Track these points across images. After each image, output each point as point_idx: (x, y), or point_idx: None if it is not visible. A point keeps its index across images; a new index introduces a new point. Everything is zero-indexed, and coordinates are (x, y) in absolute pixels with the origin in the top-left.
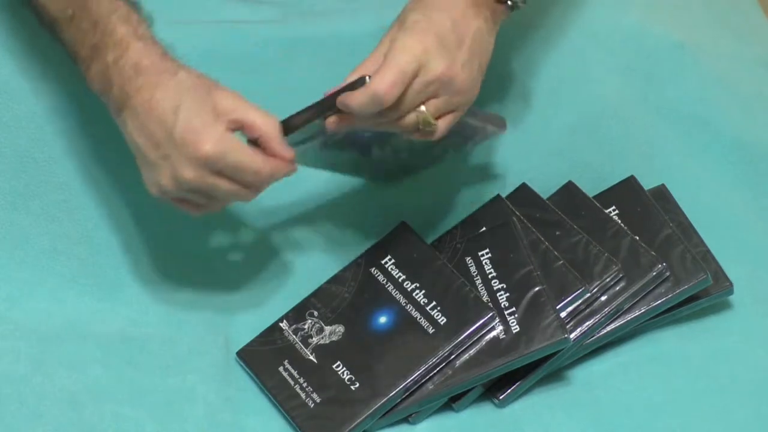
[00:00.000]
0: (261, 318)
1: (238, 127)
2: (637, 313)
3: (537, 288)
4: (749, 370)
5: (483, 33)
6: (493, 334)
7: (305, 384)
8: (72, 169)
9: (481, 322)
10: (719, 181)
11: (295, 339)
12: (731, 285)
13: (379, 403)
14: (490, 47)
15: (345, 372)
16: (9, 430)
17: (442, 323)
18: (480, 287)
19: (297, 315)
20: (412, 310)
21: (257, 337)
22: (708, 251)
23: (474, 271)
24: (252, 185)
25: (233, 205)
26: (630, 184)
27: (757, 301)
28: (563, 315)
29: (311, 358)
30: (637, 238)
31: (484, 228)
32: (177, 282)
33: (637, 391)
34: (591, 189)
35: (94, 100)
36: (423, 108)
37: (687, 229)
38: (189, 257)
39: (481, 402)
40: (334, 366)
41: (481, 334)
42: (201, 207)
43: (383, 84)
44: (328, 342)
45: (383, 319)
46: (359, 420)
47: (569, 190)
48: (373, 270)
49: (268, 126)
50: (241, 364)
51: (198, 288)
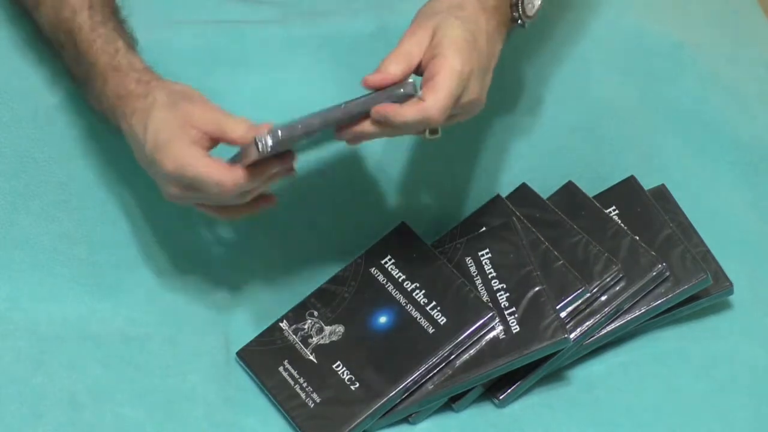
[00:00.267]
0: (261, 318)
1: (213, 140)
2: (637, 313)
3: (537, 288)
4: (749, 370)
5: (498, 55)
6: (493, 334)
7: (305, 384)
8: (72, 169)
9: (481, 322)
10: (719, 181)
11: (295, 339)
12: (731, 285)
13: (379, 403)
14: None
15: (345, 372)
16: (9, 430)
17: (442, 323)
18: (480, 287)
19: (297, 315)
20: (412, 310)
21: (257, 337)
22: (708, 251)
23: (474, 271)
24: (221, 197)
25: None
26: (630, 184)
27: (757, 301)
28: (563, 315)
29: (311, 358)
30: (637, 238)
31: (484, 228)
32: (177, 282)
33: (637, 391)
34: (591, 189)
35: None
36: None
37: (687, 229)
38: (189, 257)
39: (481, 402)
40: (334, 366)
41: (481, 334)
42: (222, 211)
43: (436, 109)
44: (328, 342)
45: (383, 319)
46: (359, 420)
47: (569, 190)
48: (373, 270)
49: (235, 134)
50: (241, 364)
51: (198, 288)
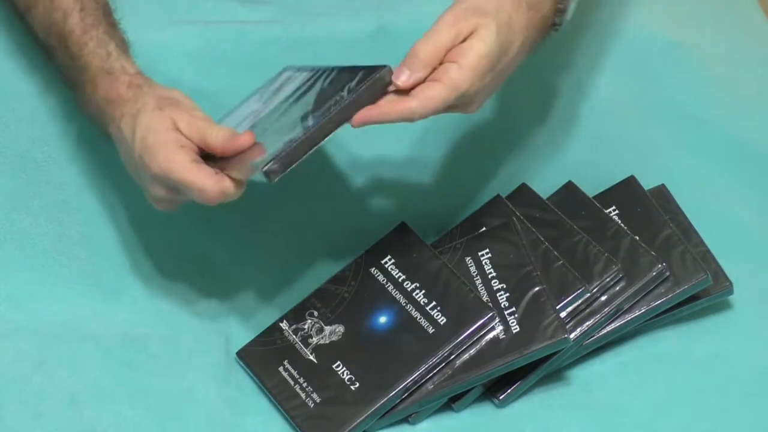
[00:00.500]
0: (261, 318)
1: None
2: (637, 313)
3: (537, 288)
4: (749, 370)
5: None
6: (493, 334)
7: (305, 384)
8: (72, 169)
9: (481, 322)
10: (719, 181)
11: (295, 339)
12: (731, 285)
13: (379, 403)
14: None
15: (345, 372)
16: (9, 430)
17: (442, 323)
18: (480, 287)
19: (297, 315)
20: (412, 310)
21: (257, 337)
22: (708, 251)
23: (474, 271)
24: (204, 202)
25: (233, 205)
26: (630, 184)
27: (757, 301)
28: (563, 315)
29: (311, 358)
30: (637, 238)
31: (484, 228)
32: (177, 282)
33: (637, 391)
34: (591, 189)
35: None
36: None
37: (687, 229)
38: (189, 257)
39: (481, 402)
40: (333, 366)
41: (481, 334)
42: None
43: (419, 115)
44: (328, 342)
45: (383, 319)
46: (359, 420)
47: (569, 190)
48: (373, 270)
49: (216, 142)
50: (241, 364)
51: (198, 288)
